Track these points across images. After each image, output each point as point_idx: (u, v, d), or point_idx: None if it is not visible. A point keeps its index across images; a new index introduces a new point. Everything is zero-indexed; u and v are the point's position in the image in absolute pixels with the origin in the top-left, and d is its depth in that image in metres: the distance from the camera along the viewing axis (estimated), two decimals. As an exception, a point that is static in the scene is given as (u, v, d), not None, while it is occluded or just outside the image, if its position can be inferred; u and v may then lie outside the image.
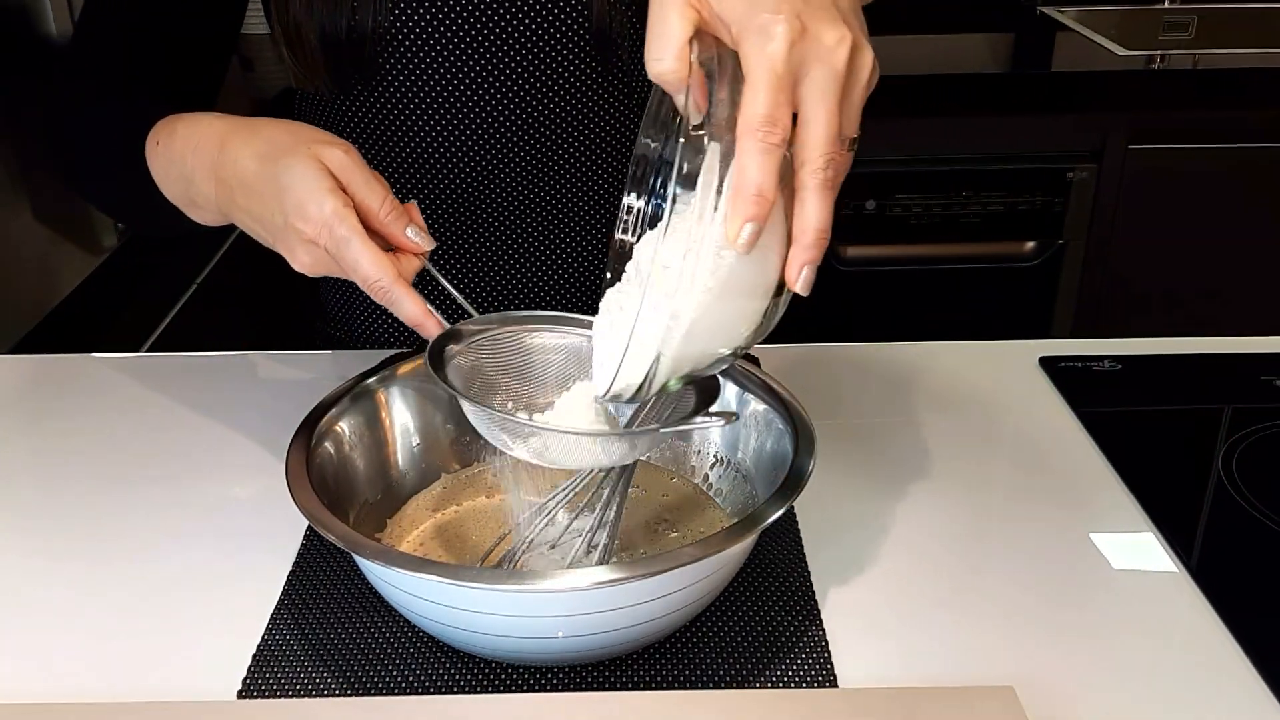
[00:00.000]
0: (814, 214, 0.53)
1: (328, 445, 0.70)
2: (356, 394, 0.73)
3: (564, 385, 0.68)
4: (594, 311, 0.64)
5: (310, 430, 0.69)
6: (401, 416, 0.75)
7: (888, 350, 0.98)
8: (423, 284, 0.68)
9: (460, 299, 0.71)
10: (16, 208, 1.30)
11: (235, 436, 0.86)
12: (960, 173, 1.96)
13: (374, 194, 0.66)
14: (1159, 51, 2.07)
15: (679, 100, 0.55)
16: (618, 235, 0.63)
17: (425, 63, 0.86)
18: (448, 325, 0.67)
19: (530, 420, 0.64)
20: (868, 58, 0.54)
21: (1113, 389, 0.91)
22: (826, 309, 2.12)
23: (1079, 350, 0.96)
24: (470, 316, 0.69)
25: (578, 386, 0.67)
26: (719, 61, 0.54)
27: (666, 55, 0.54)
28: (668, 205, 0.55)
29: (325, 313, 1.05)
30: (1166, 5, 2.33)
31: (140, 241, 1.47)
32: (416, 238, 0.68)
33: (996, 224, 1.99)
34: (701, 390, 0.65)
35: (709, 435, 0.76)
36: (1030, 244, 2.02)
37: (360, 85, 0.88)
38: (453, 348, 0.67)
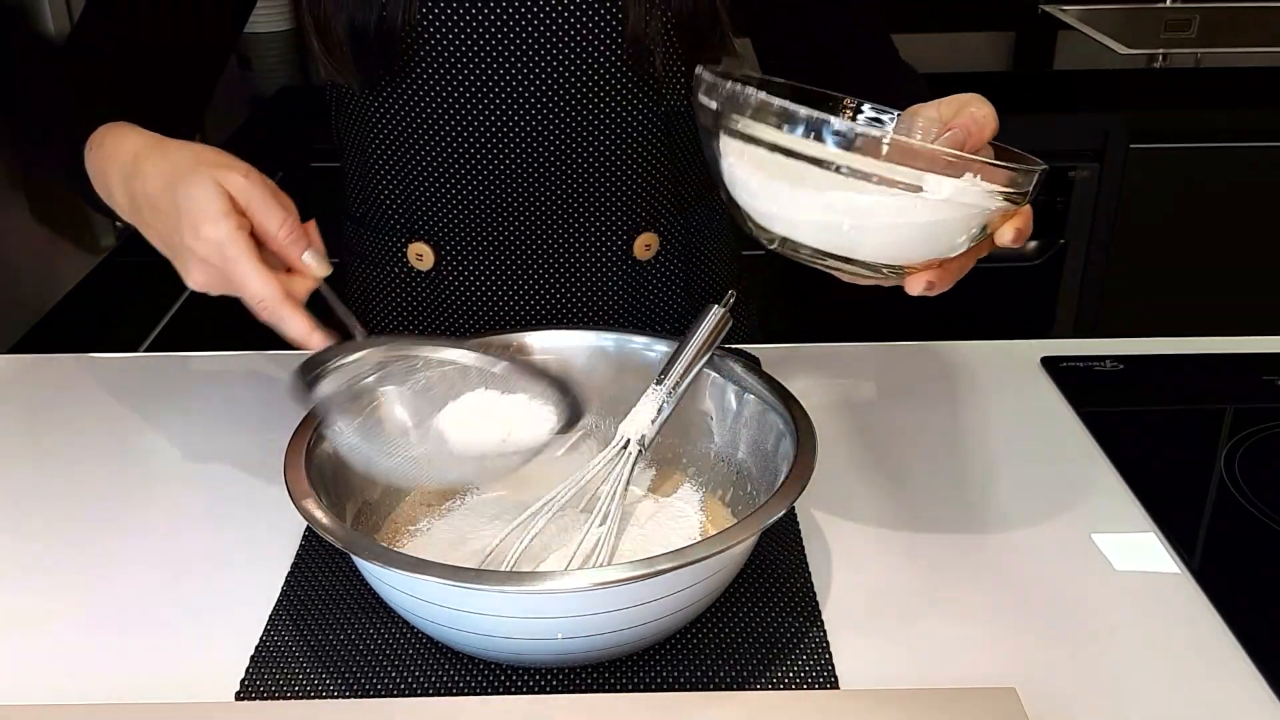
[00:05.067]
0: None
1: (326, 445, 0.69)
2: (355, 394, 0.72)
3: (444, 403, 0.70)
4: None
5: (309, 430, 0.69)
6: (399, 416, 0.74)
7: (888, 350, 0.97)
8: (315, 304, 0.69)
9: (350, 322, 0.71)
10: (15, 207, 1.30)
11: (233, 436, 0.86)
12: (962, 172, 1.95)
13: (272, 217, 0.68)
14: (1161, 50, 2.07)
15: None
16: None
17: (453, 61, 0.86)
18: (332, 343, 0.68)
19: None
20: None
21: (1114, 389, 0.91)
22: (826, 309, 2.12)
23: (1081, 350, 0.96)
24: (355, 339, 0.70)
25: (467, 398, 0.69)
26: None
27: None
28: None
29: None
30: (1168, 4, 2.33)
31: (139, 241, 1.47)
32: (312, 261, 0.70)
33: (998, 223, 1.99)
34: (568, 413, 0.68)
35: (710, 435, 0.76)
36: (1032, 243, 2.01)
37: (387, 80, 0.88)
38: (330, 365, 0.68)
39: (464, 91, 0.87)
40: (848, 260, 0.64)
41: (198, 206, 0.67)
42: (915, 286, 0.65)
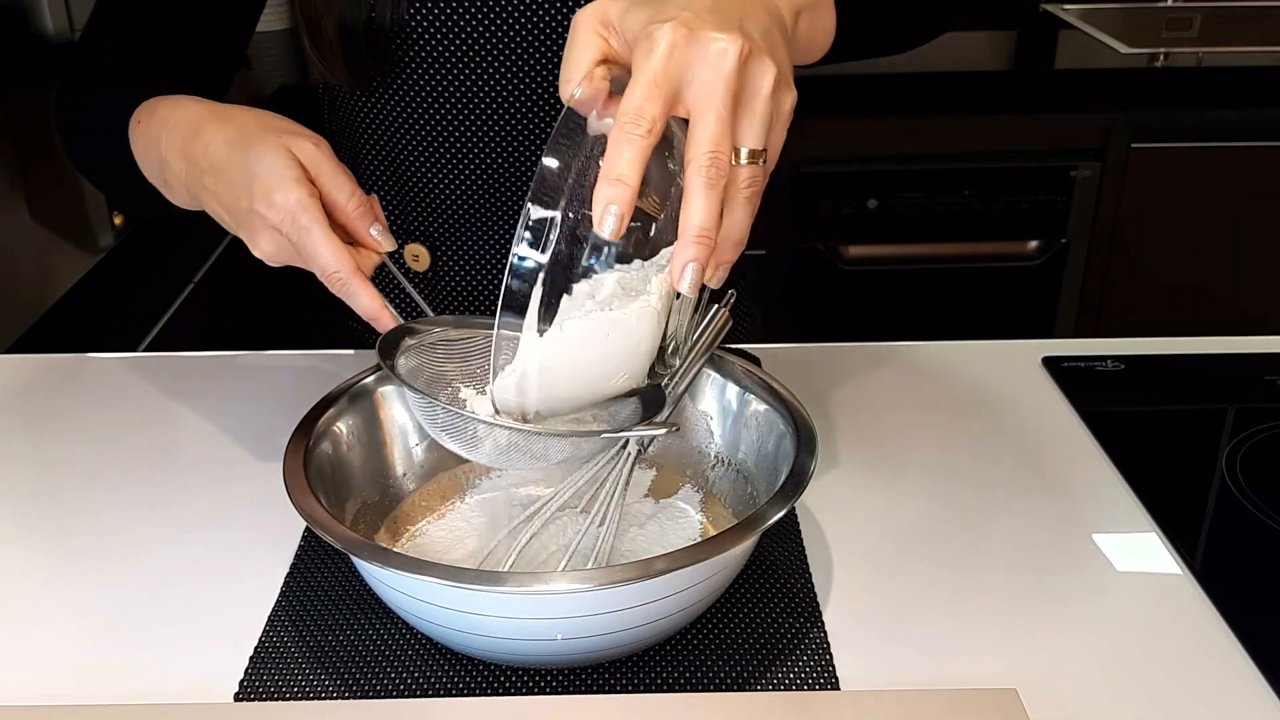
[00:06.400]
0: (695, 212, 0.53)
1: (325, 445, 0.69)
2: (354, 394, 0.72)
3: None
4: None
5: (308, 430, 0.68)
6: (399, 416, 0.74)
7: (889, 350, 0.97)
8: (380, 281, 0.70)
9: (417, 297, 0.73)
10: (14, 207, 1.30)
11: (232, 437, 0.86)
12: (963, 171, 1.95)
13: (341, 188, 0.68)
14: (1162, 49, 2.06)
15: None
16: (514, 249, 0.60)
17: (444, 61, 0.86)
18: (402, 320, 0.68)
19: (467, 411, 0.64)
20: (768, 71, 0.54)
21: (1116, 389, 0.91)
22: (827, 309, 2.13)
23: (1082, 350, 0.96)
24: (425, 315, 0.70)
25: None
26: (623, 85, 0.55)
27: (573, 79, 0.56)
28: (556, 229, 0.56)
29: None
30: (1169, 3, 2.33)
31: (137, 241, 1.47)
32: (379, 236, 0.69)
33: (999, 223, 1.99)
34: (646, 401, 0.66)
35: (710, 435, 0.75)
36: (1033, 243, 2.01)
37: (378, 81, 0.88)
38: (406, 342, 0.68)
39: (455, 91, 0.87)
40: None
41: (269, 172, 0.66)
42: (683, 280, 0.54)
